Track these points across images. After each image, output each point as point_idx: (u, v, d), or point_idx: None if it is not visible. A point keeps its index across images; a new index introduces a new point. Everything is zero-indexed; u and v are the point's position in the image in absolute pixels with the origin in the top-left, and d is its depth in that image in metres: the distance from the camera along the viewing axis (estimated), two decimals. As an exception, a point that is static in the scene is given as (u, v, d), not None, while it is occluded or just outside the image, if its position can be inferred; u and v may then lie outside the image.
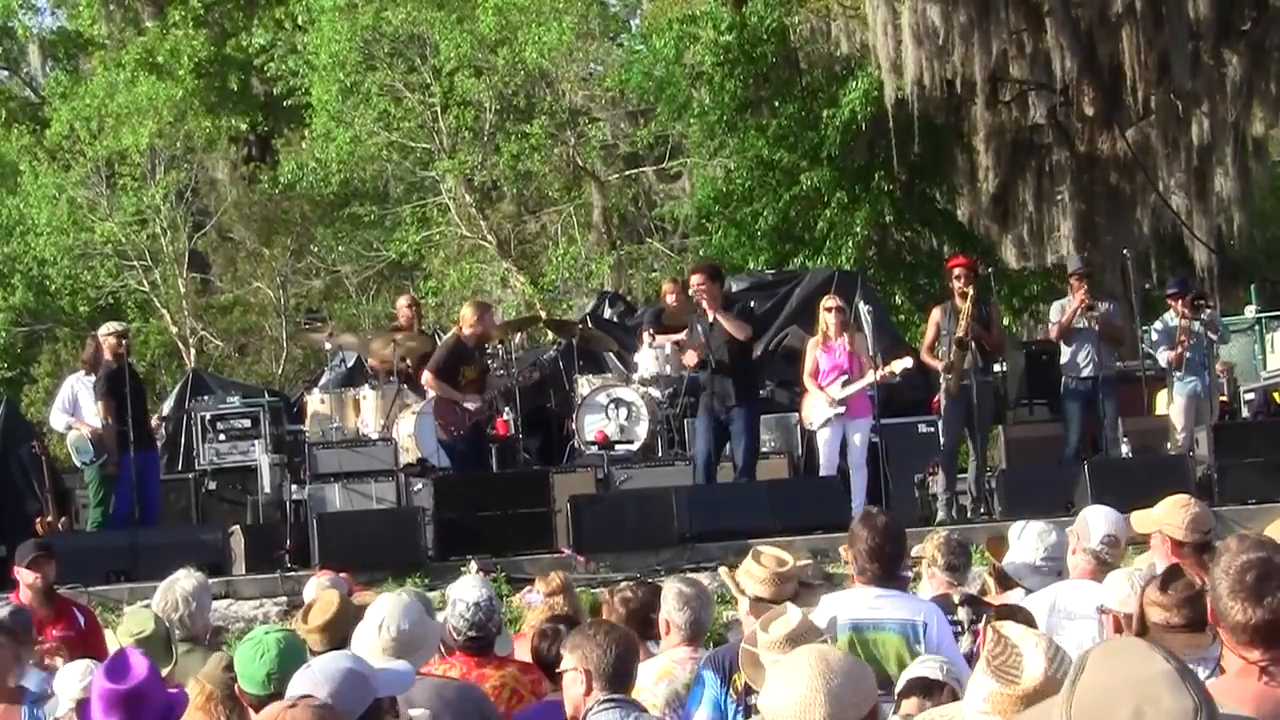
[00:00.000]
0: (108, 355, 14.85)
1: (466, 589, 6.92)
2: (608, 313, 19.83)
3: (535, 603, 8.15)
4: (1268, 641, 3.63)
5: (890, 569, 6.62)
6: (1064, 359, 15.39)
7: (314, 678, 4.77)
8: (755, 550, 6.75)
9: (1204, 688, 2.78)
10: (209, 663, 5.87)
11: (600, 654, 5.50)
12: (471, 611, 6.72)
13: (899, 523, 6.87)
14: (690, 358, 14.69)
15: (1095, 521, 6.92)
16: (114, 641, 6.61)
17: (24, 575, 9.46)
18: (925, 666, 5.68)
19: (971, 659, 6.55)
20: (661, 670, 6.64)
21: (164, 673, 6.47)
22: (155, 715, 5.18)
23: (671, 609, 6.90)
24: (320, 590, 7.86)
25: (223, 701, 5.58)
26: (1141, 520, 6.87)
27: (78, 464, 15.49)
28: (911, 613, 6.48)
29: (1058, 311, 15.54)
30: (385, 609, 6.27)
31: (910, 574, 8.16)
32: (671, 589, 7.05)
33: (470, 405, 14.71)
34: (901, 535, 6.76)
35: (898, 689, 5.51)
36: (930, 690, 5.61)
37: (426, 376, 15.00)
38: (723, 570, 6.86)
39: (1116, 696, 2.75)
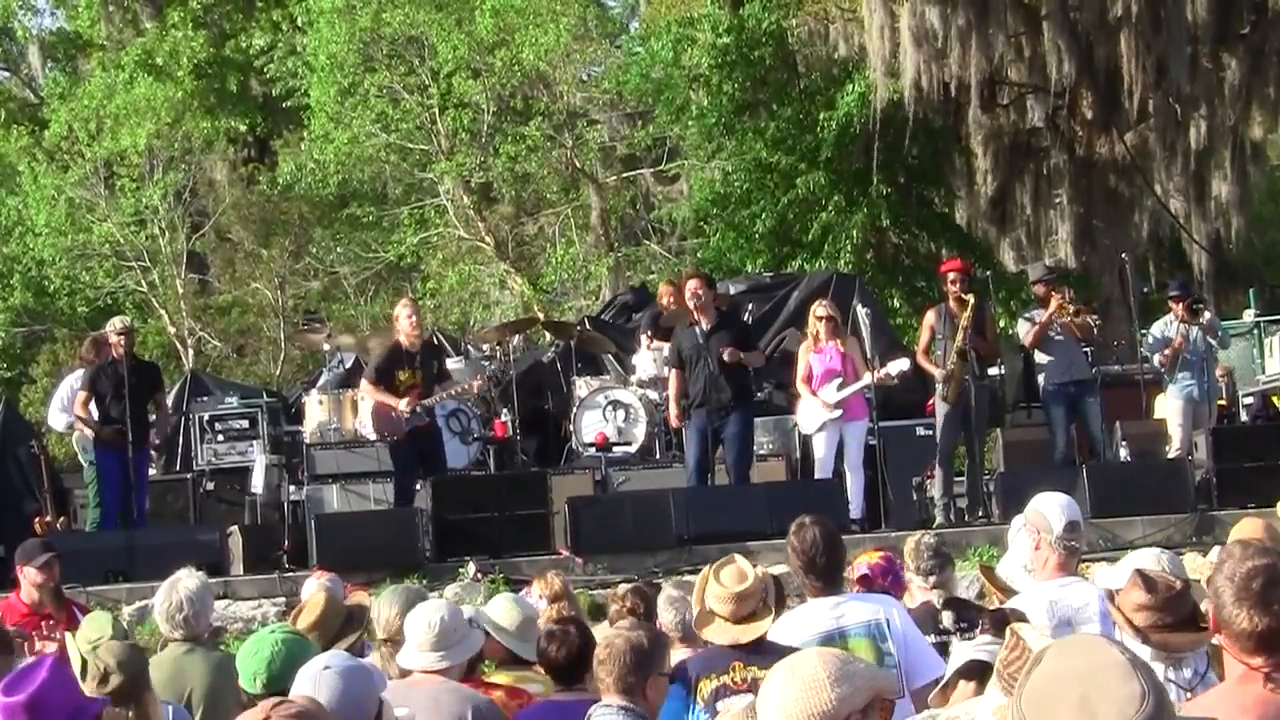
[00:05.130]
0: (111, 352, 14.86)
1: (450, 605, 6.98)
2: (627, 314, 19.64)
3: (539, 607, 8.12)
4: (1272, 648, 3.62)
5: (832, 577, 6.58)
6: (1043, 364, 15.34)
7: (330, 679, 4.80)
8: (719, 563, 6.70)
9: (1156, 678, 2.83)
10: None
11: (603, 655, 5.48)
12: None
13: (830, 528, 6.72)
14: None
15: (1052, 511, 6.69)
16: (73, 648, 6.62)
17: (32, 575, 9.45)
18: (981, 651, 5.58)
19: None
20: None
21: None
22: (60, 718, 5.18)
23: (662, 612, 6.92)
24: (319, 589, 7.88)
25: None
26: None
27: (84, 463, 15.52)
28: (872, 613, 6.49)
29: (1026, 323, 15.45)
30: (424, 609, 6.36)
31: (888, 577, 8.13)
32: (663, 594, 7.06)
33: (403, 408, 14.38)
34: (834, 540, 6.62)
35: (955, 669, 5.43)
36: (987, 674, 5.53)
37: (363, 383, 14.91)
38: (700, 576, 6.83)
39: (1066, 684, 2.81)
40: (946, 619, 7.23)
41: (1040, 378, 15.53)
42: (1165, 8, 22.42)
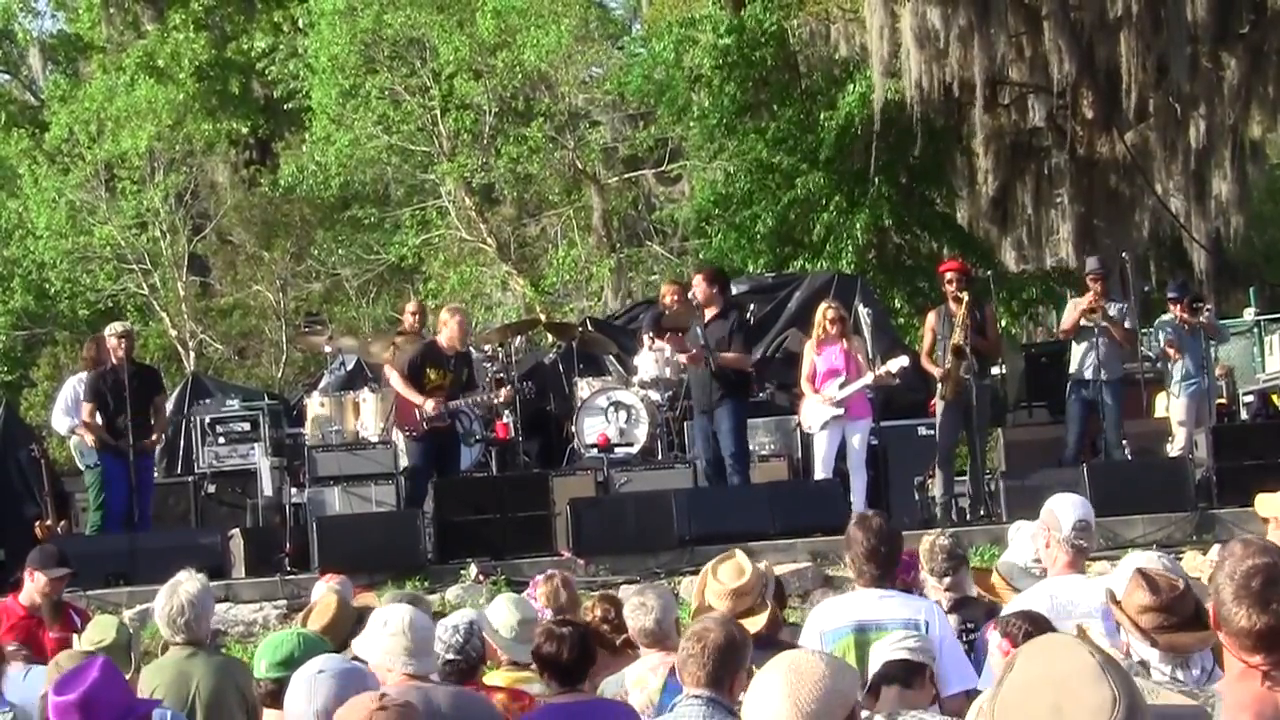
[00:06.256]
0: (110, 357, 14.84)
1: (455, 615, 7.00)
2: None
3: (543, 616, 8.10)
4: (1270, 646, 3.62)
5: (888, 570, 6.66)
6: (1073, 360, 15.37)
7: (326, 683, 4.83)
8: (718, 560, 6.73)
9: (1128, 679, 2.83)
10: None
11: (695, 649, 5.46)
12: (449, 635, 6.74)
13: (894, 525, 6.91)
14: (691, 356, 14.68)
15: (1064, 510, 6.81)
16: (78, 648, 6.65)
17: (41, 583, 9.46)
18: (899, 649, 5.61)
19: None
20: (636, 678, 6.72)
21: None
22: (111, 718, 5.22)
23: (629, 619, 6.94)
24: (329, 592, 7.91)
25: None
26: (1265, 503, 6.93)
27: (81, 467, 15.52)
28: (913, 612, 6.54)
29: (1073, 309, 15.51)
30: (400, 614, 6.28)
31: (912, 573, 8.16)
32: (629, 601, 7.09)
33: (429, 409, 14.49)
34: (897, 536, 6.81)
35: (872, 677, 5.45)
36: (911, 676, 5.55)
37: (394, 373, 15.00)
38: (702, 573, 6.86)
39: (1038, 693, 2.81)
40: (953, 621, 7.26)
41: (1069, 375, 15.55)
42: (1165, 7, 22.43)
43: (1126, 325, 15.32)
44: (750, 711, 3.80)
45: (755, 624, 6.50)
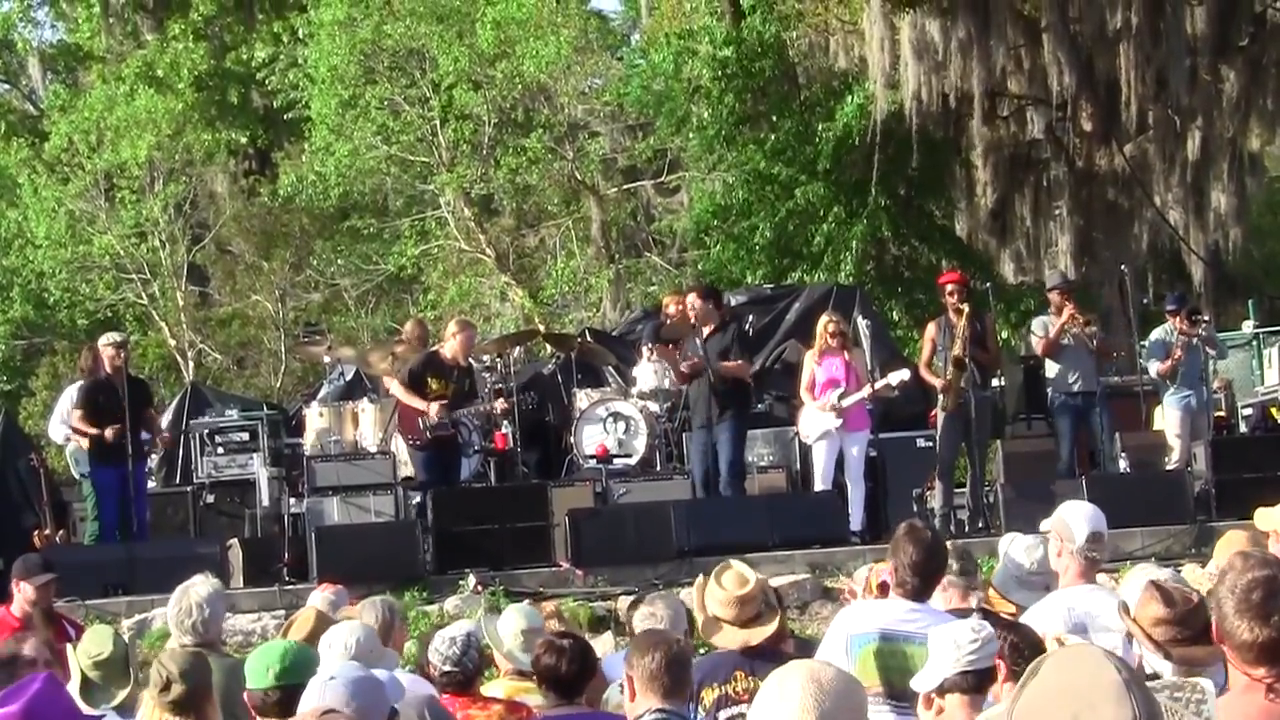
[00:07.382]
0: (106, 367, 14.83)
1: (453, 626, 7.02)
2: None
3: None
4: (1273, 659, 3.63)
5: (928, 585, 6.57)
6: (1051, 374, 15.38)
7: (337, 689, 4.85)
8: (718, 569, 6.72)
9: (1151, 699, 2.82)
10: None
11: (647, 663, 5.46)
12: (446, 646, 6.74)
13: (941, 539, 6.84)
14: (691, 365, 14.70)
15: (1076, 521, 6.80)
16: (73, 660, 6.63)
17: (28, 592, 9.44)
18: (967, 658, 5.34)
19: None
20: None
21: (122, 695, 6.51)
22: None
23: (639, 628, 6.94)
24: (310, 606, 7.90)
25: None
26: (1265, 517, 6.93)
27: (76, 476, 15.51)
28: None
29: (1041, 328, 15.51)
30: (343, 635, 6.34)
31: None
32: (639, 611, 7.08)
33: (433, 413, 14.54)
34: (944, 551, 6.73)
35: (937, 685, 5.32)
36: (983, 682, 5.33)
37: (394, 382, 15.03)
38: (697, 584, 6.84)
39: (1058, 702, 2.80)
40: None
41: (1049, 389, 15.54)
42: (1164, 20, 22.45)
43: (1101, 337, 15.33)
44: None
45: (764, 632, 6.49)
